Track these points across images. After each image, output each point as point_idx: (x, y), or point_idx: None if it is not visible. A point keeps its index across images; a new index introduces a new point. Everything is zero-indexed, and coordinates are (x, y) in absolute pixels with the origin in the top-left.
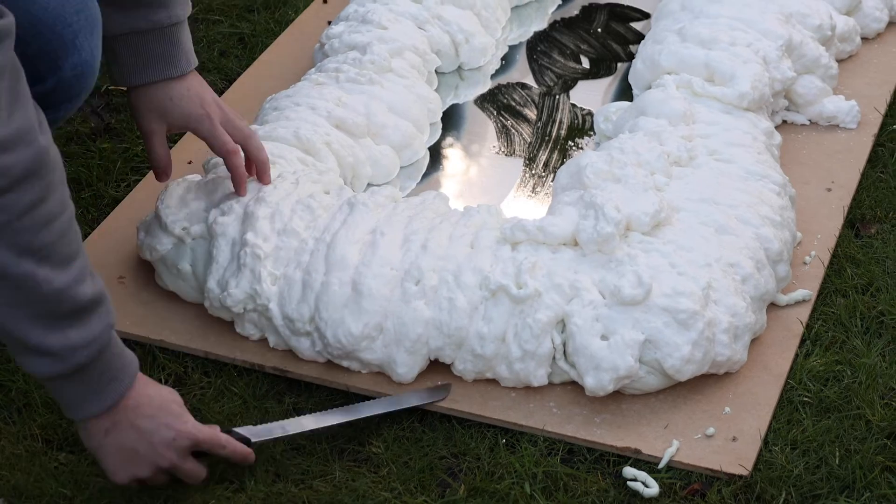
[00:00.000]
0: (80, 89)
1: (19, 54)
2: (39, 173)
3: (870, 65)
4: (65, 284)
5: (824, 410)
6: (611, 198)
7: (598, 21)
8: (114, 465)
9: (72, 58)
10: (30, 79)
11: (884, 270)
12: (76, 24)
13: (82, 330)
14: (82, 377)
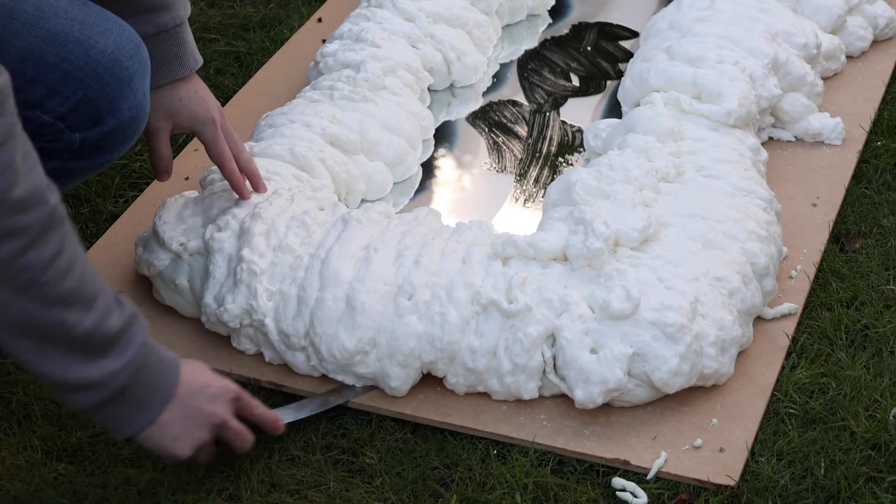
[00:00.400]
0: (135, 131)
1: (82, 97)
2: (55, 226)
3: (854, 82)
4: (93, 324)
5: (810, 422)
6: (600, 213)
7: (587, 39)
8: (172, 444)
9: (128, 100)
10: (90, 121)
11: (868, 284)
12: (131, 67)
13: (118, 358)
14: (125, 397)
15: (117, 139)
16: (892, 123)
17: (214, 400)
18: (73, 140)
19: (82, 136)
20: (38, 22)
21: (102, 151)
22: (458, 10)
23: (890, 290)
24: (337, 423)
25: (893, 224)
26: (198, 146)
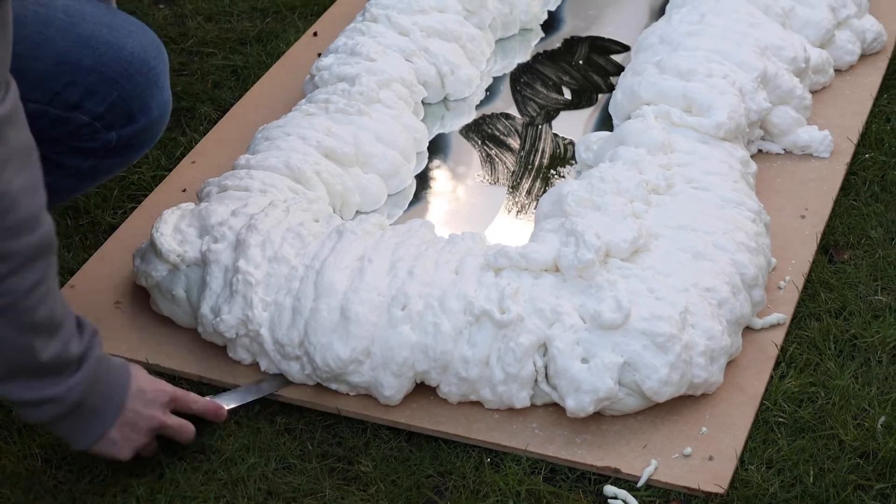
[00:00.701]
0: (161, 128)
1: (116, 97)
2: (42, 256)
3: (842, 96)
4: (57, 351)
5: (798, 431)
6: (591, 225)
7: (579, 53)
8: (112, 449)
9: (157, 98)
10: (124, 120)
11: (856, 295)
12: (157, 67)
13: (74, 375)
14: (81, 410)
15: (147, 137)
16: (879, 136)
17: (150, 404)
18: (110, 139)
19: (118, 133)
20: (71, 27)
21: (133, 149)
22: (452, 25)
23: (878, 300)
24: (332, 431)
25: (881, 235)
26: (195, 159)
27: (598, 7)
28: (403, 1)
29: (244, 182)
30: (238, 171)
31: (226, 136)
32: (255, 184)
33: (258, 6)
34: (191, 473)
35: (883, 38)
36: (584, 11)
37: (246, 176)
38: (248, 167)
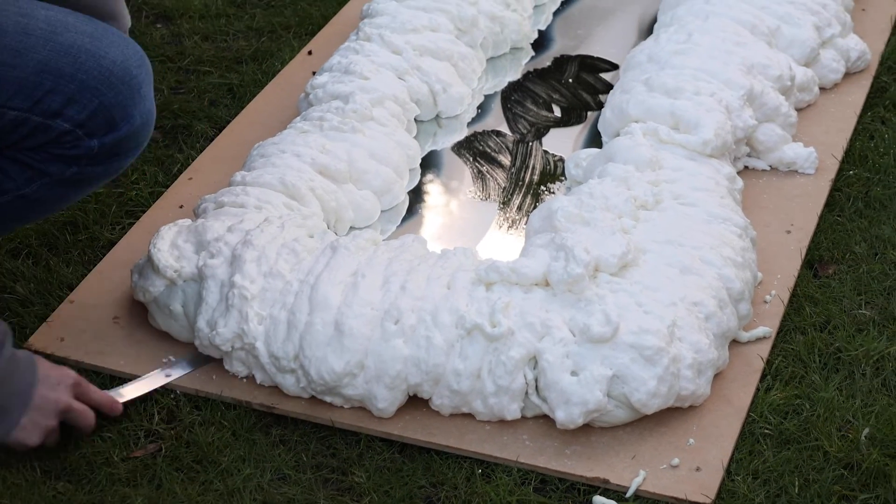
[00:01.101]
0: (145, 137)
1: (98, 104)
2: None
3: (827, 113)
4: None
5: (784, 442)
6: (580, 240)
7: (569, 72)
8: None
9: (139, 106)
10: (106, 127)
11: (841, 309)
12: (139, 75)
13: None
14: None
15: (130, 145)
16: (863, 153)
17: (56, 388)
18: (91, 146)
19: (100, 141)
20: (52, 36)
21: (118, 157)
22: (444, 44)
23: (862, 314)
24: (327, 442)
25: (865, 250)
26: (192, 175)
27: (587, 26)
28: (396, 20)
29: (240, 199)
30: (234, 188)
31: (222, 154)
32: (250, 200)
33: (254, 26)
34: (188, 484)
35: (867, 56)
36: (574, 31)
37: (242, 192)
38: (244, 184)
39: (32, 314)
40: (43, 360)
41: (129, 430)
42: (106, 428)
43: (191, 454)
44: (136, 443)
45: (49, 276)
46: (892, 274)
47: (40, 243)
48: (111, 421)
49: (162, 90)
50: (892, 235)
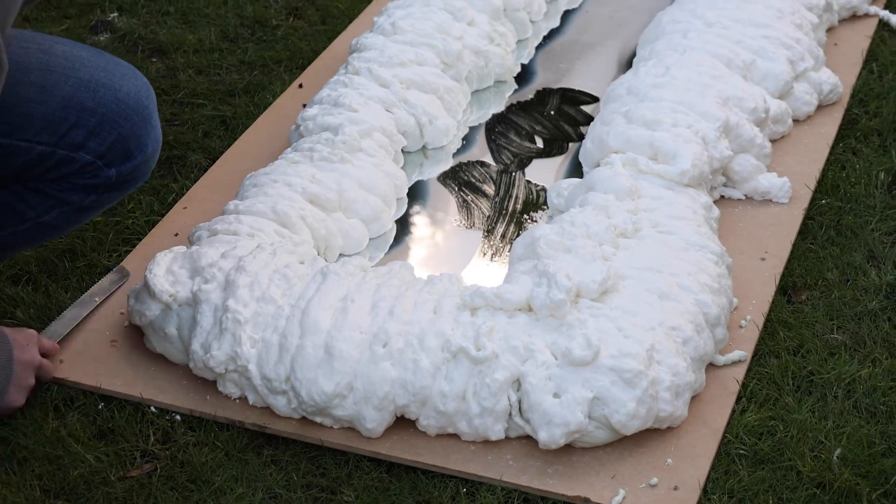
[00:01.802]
0: (154, 161)
1: (116, 136)
2: None
3: (800, 144)
4: None
5: (759, 462)
6: (562, 267)
7: (551, 104)
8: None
9: (151, 135)
10: (123, 157)
11: (813, 333)
12: (150, 106)
13: None
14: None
15: (143, 171)
16: (835, 183)
17: (26, 348)
18: (110, 175)
19: (117, 170)
20: (72, 73)
21: (130, 183)
22: (430, 77)
23: (834, 338)
24: (316, 462)
25: (837, 277)
26: (186, 204)
27: (568, 60)
28: (384, 54)
29: (233, 226)
30: (227, 217)
31: (216, 183)
32: (243, 228)
33: (246, 59)
34: (182, 502)
35: (839, 89)
36: (556, 64)
37: (235, 221)
38: (237, 212)
39: None
40: (4, 327)
41: (126, 450)
42: (103, 448)
43: (185, 474)
44: (133, 463)
45: (48, 302)
46: (863, 300)
47: (40, 270)
48: (108, 442)
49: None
50: (863, 263)
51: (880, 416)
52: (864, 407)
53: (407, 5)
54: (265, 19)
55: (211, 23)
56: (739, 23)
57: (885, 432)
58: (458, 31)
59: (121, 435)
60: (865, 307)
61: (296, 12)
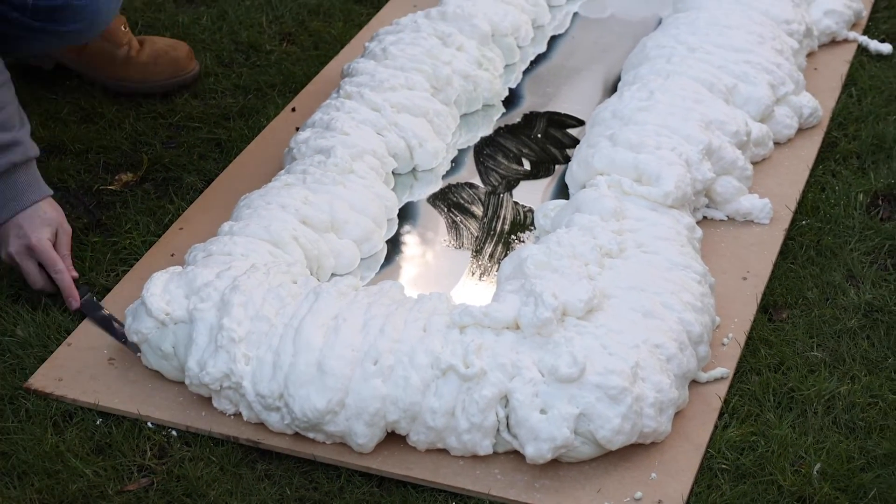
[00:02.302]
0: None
1: None
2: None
3: (781, 167)
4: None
5: (741, 477)
6: (549, 286)
7: (538, 127)
8: None
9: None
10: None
11: (794, 351)
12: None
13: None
14: None
15: (65, 17)
16: (815, 204)
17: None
18: (27, 2)
19: (33, 2)
20: None
21: (55, 22)
22: (420, 101)
23: (814, 356)
24: (309, 477)
25: (817, 296)
26: (182, 225)
27: (555, 85)
28: (375, 79)
29: (228, 247)
30: (222, 237)
31: (211, 205)
32: (237, 249)
33: (240, 84)
34: None
35: (818, 113)
36: (543, 88)
37: (229, 241)
38: (232, 233)
39: (32, 356)
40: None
41: (123, 465)
42: (101, 463)
43: (181, 488)
44: (130, 477)
45: (47, 320)
46: (843, 318)
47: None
48: (106, 457)
49: (154, 144)
50: (842, 282)
51: (859, 431)
52: (843, 423)
53: (397, 31)
54: (259, 45)
55: (206, 48)
56: (722, 48)
57: (864, 447)
58: (447, 56)
59: (118, 450)
60: (845, 325)
61: (289, 38)
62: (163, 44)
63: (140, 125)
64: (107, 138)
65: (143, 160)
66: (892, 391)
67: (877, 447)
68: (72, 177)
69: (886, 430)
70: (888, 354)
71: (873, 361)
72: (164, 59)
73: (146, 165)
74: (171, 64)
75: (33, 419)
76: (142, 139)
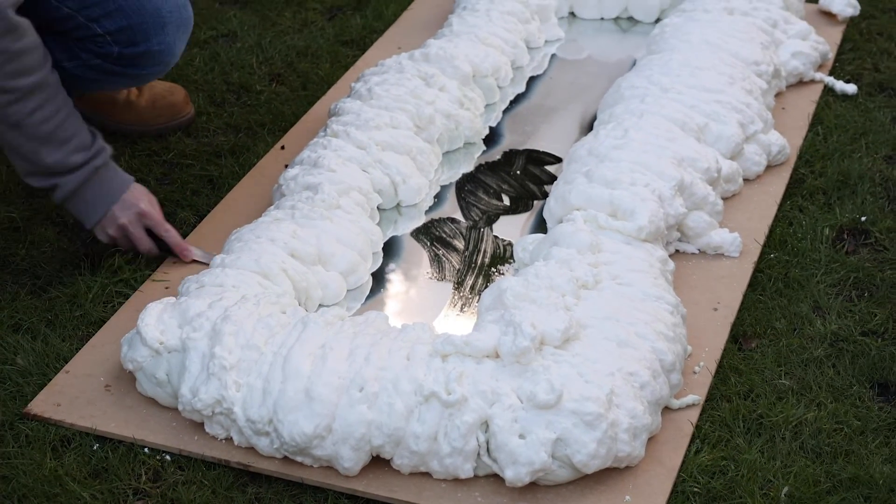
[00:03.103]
0: (161, 61)
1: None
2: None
3: (750, 202)
4: (59, 158)
5: (711, 500)
6: (527, 317)
7: (517, 164)
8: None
9: (158, 36)
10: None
11: (763, 379)
12: (168, 17)
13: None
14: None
15: (146, 62)
16: (783, 238)
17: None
18: (113, 51)
19: (120, 50)
20: None
21: (135, 67)
22: (404, 139)
23: (782, 384)
24: (297, 499)
25: (784, 326)
26: (176, 259)
27: (533, 123)
28: (360, 118)
29: (219, 279)
30: (214, 270)
31: (203, 239)
32: (229, 280)
33: (231, 123)
34: None
35: (786, 151)
36: (521, 127)
37: (221, 273)
38: (224, 266)
39: (32, 383)
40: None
41: (119, 488)
42: (98, 486)
43: None
44: (125, 500)
45: (46, 349)
46: (810, 347)
47: (39, 319)
48: (102, 480)
49: (149, 181)
50: (809, 313)
51: (825, 456)
52: (810, 448)
53: (382, 72)
54: (249, 85)
55: (199, 88)
56: (693, 88)
57: (830, 471)
58: (430, 96)
59: (114, 474)
60: (811, 354)
61: (278, 78)
62: (161, 88)
63: (135, 162)
64: None
65: None
66: (856, 417)
67: (842, 471)
68: None
69: (851, 454)
70: (853, 382)
71: (839, 389)
72: (161, 103)
73: None
74: (168, 108)
75: (33, 444)
76: (137, 176)
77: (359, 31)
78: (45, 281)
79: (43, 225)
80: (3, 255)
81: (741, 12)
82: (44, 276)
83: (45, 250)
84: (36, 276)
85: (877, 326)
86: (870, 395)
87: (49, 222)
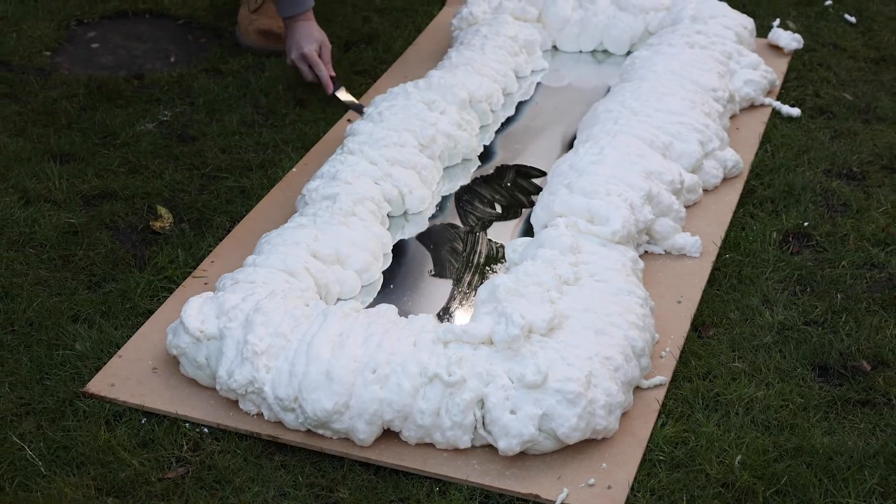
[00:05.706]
0: None
1: None
2: None
3: (709, 209)
4: None
5: (675, 466)
6: (517, 308)
7: (508, 178)
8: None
9: None
10: None
11: (719, 362)
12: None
13: None
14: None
15: None
16: (736, 241)
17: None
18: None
19: None
20: None
21: None
22: (410, 156)
23: (735, 366)
24: (318, 466)
25: (738, 317)
26: (214, 259)
27: (522, 142)
28: (373, 138)
29: (251, 276)
30: (247, 269)
31: (237, 242)
32: (259, 277)
33: (261, 141)
34: (210, 500)
35: (740, 165)
36: (512, 145)
37: (253, 272)
38: (255, 265)
39: (89, 366)
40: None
41: (164, 456)
42: (145, 455)
43: (212, 476)
44: (169, 466)
45: (101, 337)
46: (759, 335)
47: (95, 311)
48: (149, 450)
49: (190, 191)
50: (759, 305)
51: (773, 429)
52: (760, 422)
53: (391, 98)
54: (276, 109)
55: (232, 111)
56: (660, 111)
57: (777, 442)
58: (432, 119)
59: (160, 444)
60: (761, 341)
61: (301, 103)
62: None
63: (178, 175)
64: (150, 186)
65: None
66: (800, 396)
67: (787, 442)
68: (121, 218)
69: (795, 427)
70: (797, 365)
71: (784, 371)
72: None
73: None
74: None
75: (90, 419)
76: (179, 187)
77: (371, 63)
78: (100, 278)
79: (98, 230)
80: (64, 256)
81: (700, 46)
82: (99, 273)
83: (100, 251)
84: (92, 274)
85: (817, 317)
86: (811, 377)
87: (104, 227)
